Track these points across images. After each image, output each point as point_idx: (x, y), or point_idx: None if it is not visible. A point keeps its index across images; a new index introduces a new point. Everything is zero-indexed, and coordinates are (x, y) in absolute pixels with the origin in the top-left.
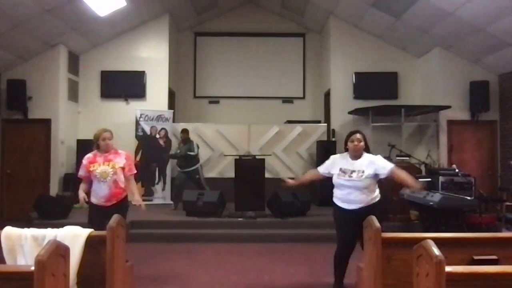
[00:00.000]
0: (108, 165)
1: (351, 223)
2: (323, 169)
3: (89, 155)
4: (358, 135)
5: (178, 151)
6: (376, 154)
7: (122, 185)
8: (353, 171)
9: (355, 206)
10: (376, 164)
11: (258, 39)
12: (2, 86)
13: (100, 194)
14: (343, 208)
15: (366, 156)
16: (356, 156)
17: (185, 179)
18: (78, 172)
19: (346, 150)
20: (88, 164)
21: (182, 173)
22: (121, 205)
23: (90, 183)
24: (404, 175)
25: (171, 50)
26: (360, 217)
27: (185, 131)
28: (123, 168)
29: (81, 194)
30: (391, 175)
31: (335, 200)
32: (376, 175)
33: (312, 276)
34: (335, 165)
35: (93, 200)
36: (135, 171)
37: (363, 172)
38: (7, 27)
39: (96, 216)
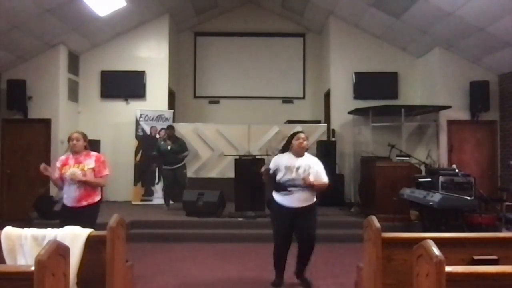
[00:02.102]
0: (78, 167)
1: (289, 221)
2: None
3: (62, 158)
4: (303, 135)
5: (169, 147)
6: (375, 155)
7: (94, 188)
8: (298, 168)
9: (297, 204)
10: (318, 168)
11: (258, 39)
12: (2, 86)
13: (70, 195)
14: (284, 206)
15: (308, 156)
16: (300, 154)
17: (173, 176)
18: None
19: (284, 151)
20: (60, 167)
21: (169, 171)
22: (92, 208)
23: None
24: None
25: (171, 50)
26: (298, 216)
27: (172, 128)
28: (93, 170)
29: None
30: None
31: (276, 197)
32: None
33: (312, 276)
34: (279, 163)
35: (65, 201)
36: (106, 173)
37: (309, 167)
38: (7, 27)
39: (66, 217)
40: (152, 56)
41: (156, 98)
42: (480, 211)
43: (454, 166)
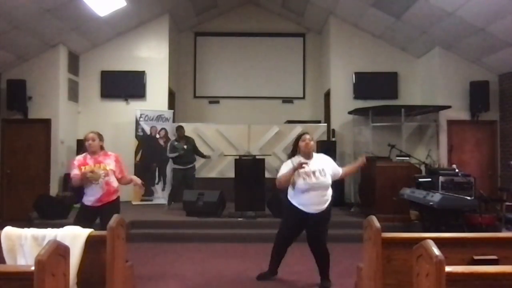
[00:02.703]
0: (99, 167)
1: (300, 224)
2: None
3: (79, 157)
4: (308, 135)
5: (185, 146)
6: (375, 155)
7: (115, 185)
8: (314, 172)
9: (314, 209)
10: (331, 164)
11: (258, 39)
12: (2, 86)
13: (93, 195)
14: (299, 210)
15: (316, 156)
16: (308, 155)
17: (182, 177)
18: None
19: (293, 155)
20: (79, 167)
21: (181, 171)
22: (113, 205)
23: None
24: (348, 168)
25: (171, 50)
26: (311, 219)
27: (182, 128)
28: (113, 171)
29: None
30: (342, 176)
31: (293, 201)
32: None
33: (312, 276)
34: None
35: (85, 201)
36: (125, 173)
37: (323, 170)
38: (7, 27)
39: (85, 216)
40: (152, 56)
41: (156, 98)
42: (480, 211)
43: (454, 166)
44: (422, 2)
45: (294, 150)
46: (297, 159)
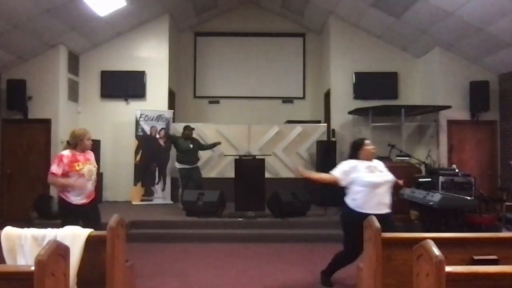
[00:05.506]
0: (90, 164)
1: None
2: (340, 173)
3: (67, 154)
4: (368, 141)
5: (191, 145)
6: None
7: None
8: (379, 169)
9: (383, 210)
10: (386, 169)
11: (258, 39)
12: (2, 86)
13: (83, 193)
14: (364, 213)
15: (376, 161)
16: (370, 160)
17: (189, 176)
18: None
19: (352, 157)
20: (70, 163)
21: (187, 170)
22: (95, 204)
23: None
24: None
25: (171, 50)
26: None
27: (191, 129)
28: None
29: (70, 180)
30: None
31: (354, 206)
32: None
33: (312, 276)
34: (356, 167)
35: (73, 199)
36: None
37: (382, 170)
38: (7, 27)
39: (73, 215)
40: (152, 56)
41: (156, 98)
42: (480, 211)
43: (454, 166)
44: (422, 2)
45: (354, 155)
46: (361, 163)
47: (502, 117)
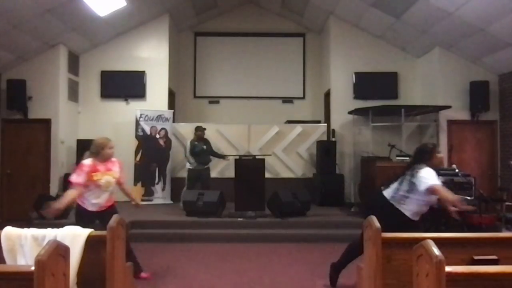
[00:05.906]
0: (110, 175)
1: None
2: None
3: (88, 163)
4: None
5: (204, 147)
6: (375, 155)
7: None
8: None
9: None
10: None
11: (258, 39)
12: (2, 86)
13: (99, 202)
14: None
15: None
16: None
17: (197, 177)
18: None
19: (416, 163)
20: (89, 172)
21: (196, 171)
22: (112, 209)
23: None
24: None
25: (171, 50)
26: None
27: (203, 129)
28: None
29: (69, 200)
30: None
31: (410, 215)
32: None
33: (312, 276)
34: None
35: (88, 207)
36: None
37: None
38: (7, 27)
39: (87, 220)
40: (152, 56)
41: (156, 98)
42: (480, 211)
43: (454, 166)
44: (422, 2)
45: (424, 160)
46: (431, 170)
47: (502, 117)
